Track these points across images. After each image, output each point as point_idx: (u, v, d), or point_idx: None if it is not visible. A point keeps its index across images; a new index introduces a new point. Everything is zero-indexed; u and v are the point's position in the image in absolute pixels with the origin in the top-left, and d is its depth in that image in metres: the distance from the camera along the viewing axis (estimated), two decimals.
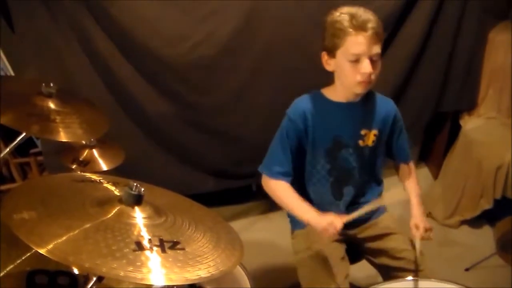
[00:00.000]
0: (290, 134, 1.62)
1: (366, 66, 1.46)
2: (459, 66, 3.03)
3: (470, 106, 3.14)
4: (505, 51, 2.90)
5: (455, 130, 3.14)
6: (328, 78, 1.62)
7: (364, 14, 1.46)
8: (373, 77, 1.50)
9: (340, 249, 1.76)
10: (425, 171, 3.46)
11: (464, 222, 2.93)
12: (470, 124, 3.05)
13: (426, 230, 1.67)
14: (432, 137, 3.40)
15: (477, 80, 3.08)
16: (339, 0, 2.48)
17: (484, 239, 2.79)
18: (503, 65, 2.92)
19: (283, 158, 1.65)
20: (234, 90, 2.70)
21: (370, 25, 1.44)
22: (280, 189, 1.67)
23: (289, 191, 1.65)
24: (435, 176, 3.28)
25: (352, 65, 1.47)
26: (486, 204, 2.71)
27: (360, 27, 1.44)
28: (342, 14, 1.46)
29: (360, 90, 1.55)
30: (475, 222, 2.91)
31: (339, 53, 1.49)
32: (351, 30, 1.44)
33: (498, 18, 3.07)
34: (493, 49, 2.97)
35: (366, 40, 1.44)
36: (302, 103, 1.64)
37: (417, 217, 1.71)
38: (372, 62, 1.47)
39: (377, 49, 1.47)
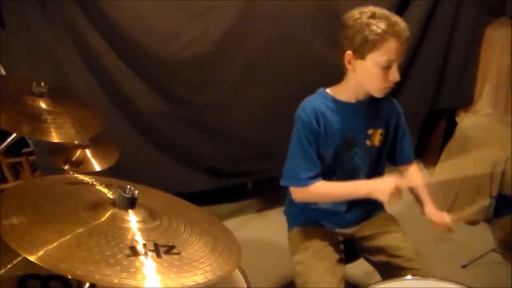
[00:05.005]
0: (308, 135, 1.55)
1: (395, 74, 1.47)
2: (455, 63, 3.03)
3: (466, 102, 3.14)
4: (501, 47, 2.91)
5: (451, 126, 3.14)
6: (324, 75, 1.60)
7: (400, 20, 1.44)
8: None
9: (337, 250, 1.74)
10: (420, 167, 3.45)
11: None
12: (466, 120, 3.06)
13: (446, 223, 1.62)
14: (428, 133, 3.40)
15: (473, 76, 3.09)
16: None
17: (481, 235, 2.79)
18: (499, 61, 2.93)
19: (309, 162, 1.57)
20: (229, 88, 2.68)
21: (406, 33, 1.44)
22: (320, 188, 1.59)
23: (330, 184, 1.60)
24: (431, 173, 3.27)
25: (382, 71, 1.46)
26: (483, 201, 2.71)
27: (399, 34, 1.42)
28: (378, 18, 1.42)
29: (381, 95, 1.54)
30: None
31: (371, 56, 1.45)
32: (390, 36, 1.41)
33: (495, 15, 3.07)
34: (490, 45, 2.97)
35: (402, 47, 1.44)
36: (312, 103, 1.58)
37: (432, 209, 1.65)
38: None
39: (404, 56, 1.48)
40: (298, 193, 1.64)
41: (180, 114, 2.68)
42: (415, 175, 1.79)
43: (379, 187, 1.51)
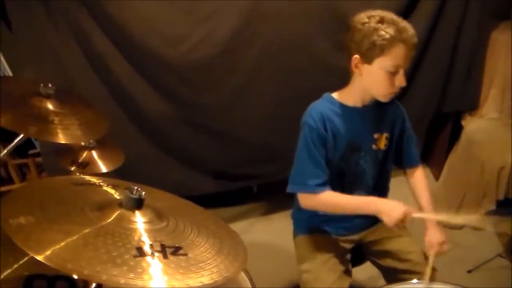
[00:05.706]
0: (315, 141, 1.54)
1: (402, 79, 1.47)
2: (461, 67, 3.02)
3: (472, 106, 3.13)
4: (507, 51, 2.89)
5: (457, 130, 3.13)
6: (330, 77, 1.60)
7: (408, 26, 1.44)
8: None
9: (344, 260, 1.74)
10: (426, 172, 3.43)
11: None
12: (472, 124, 3.04)
13: (441, 244, 1.59)
14: (434, 137, 3.39)
15: (479, 80, 3.07)
16: (340, 0, 2.57)
17: (487, 240, 2.77)
18: (505, 65, 2.91)
19: (317, 169, 1.55)
20: (234, 90, 2.68)
21: (414, 40, 1.44)
22: (330, 198, 1.56)
23: (340, 195, 1.57)
24: (437, 177, 3.26)
25: (389, 76, 1.46)
26: (489, 205, 2.69)
27: (407, 40, 1.42)
28: (386, 23, 1.42)
29: (386, 100, 1.55)
30: None
31: (378, 61, 1.45)
32: (398, 42, 1.41)
33: (500, 18, 3.06)
34: (495, 49, 2.96)
35: (409, 53, 1.44)
36: (318, 108, 1.57)
37: (432, 232, 1.63)
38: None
39: (410, 61, 1.48)
40: (306, 200, 1.62)
41: (185, 116, 2.68)
42: (423, 188, 1.77)
43: (387, 209, 1.48)
